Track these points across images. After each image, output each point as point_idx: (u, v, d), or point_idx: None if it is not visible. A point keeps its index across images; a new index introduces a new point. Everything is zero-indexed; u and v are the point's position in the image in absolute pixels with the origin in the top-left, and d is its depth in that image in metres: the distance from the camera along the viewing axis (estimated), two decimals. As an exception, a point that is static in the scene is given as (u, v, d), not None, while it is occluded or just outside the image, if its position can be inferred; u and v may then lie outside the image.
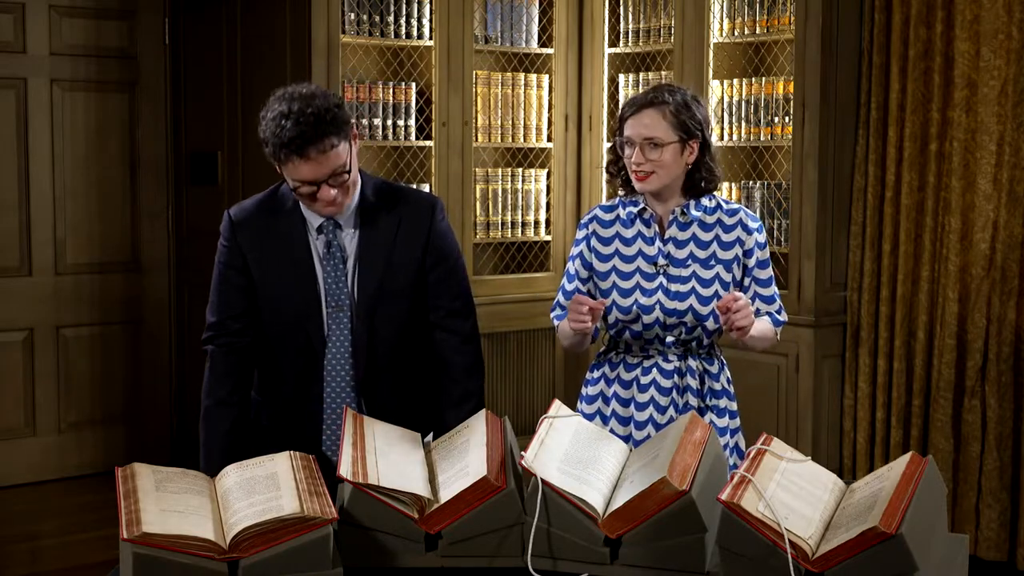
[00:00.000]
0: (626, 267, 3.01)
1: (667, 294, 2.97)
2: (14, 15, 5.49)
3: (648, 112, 2.94)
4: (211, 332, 2.93)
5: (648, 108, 2.94)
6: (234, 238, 2.89)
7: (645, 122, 2.93)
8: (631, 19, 5.41)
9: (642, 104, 2.95)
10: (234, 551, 2.18)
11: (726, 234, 3.01)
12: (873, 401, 4.66)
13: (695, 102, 3.00)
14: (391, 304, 2.90)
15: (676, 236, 3.01)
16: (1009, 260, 4.30)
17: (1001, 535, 4.32)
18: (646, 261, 3.00)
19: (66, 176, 5.65)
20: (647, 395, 3.00)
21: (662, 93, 2.96)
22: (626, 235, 3.04)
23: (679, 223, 3.01)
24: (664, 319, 2.97)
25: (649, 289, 2.98)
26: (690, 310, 2.96)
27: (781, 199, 4.82)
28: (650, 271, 2.99)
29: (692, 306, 2.96)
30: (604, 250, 3.04)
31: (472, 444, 2.45)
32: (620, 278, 3.01)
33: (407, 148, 5.22)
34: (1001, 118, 4.30)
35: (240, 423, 2.90)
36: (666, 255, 3.00)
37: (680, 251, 3.00)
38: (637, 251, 3.01)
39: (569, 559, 2.31)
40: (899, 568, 2.07)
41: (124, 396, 5.87)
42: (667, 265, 2.99)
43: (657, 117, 2.93)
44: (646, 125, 2.93)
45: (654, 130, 2.92)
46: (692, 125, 2.95)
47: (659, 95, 2.96)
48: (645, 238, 3.02)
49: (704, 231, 3.01)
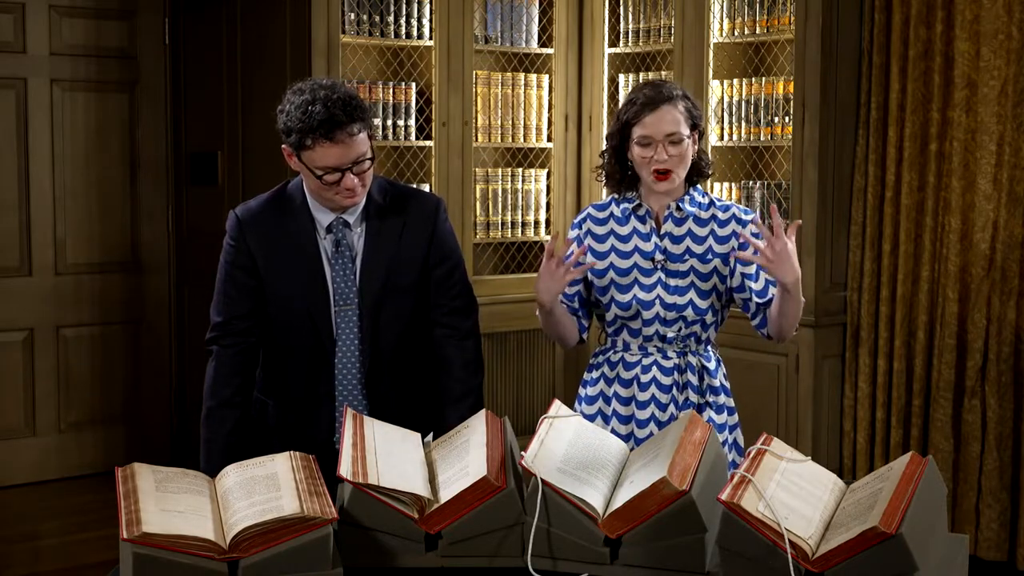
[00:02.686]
0: (623, 263, 3.01)
1: (666, 289, 2.98)
2: (14, 15, 5.49)
3: (666, 108, 2.94)
4: (216, 332, 2.93)
5: (665, 104, 2.94)
6: (242, 238, 2.90)
7: (667, 117, 2.93)
8: (631, 19, 5.41)
9: (659, 101, 2.94)
10: (234, 551, 2.18)
11: (721, 228, 3.01)
12: (873, 401, 4.66)
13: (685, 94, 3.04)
14: (396, 302, 2.92)
15: (672, 231, 3.01)
16: (1009, 260, 4.30)
17: (1001, 535, 4.32)
18: (643, 257, 3.01)
19: (66, 176, 5.66)
20: (648, 393, 3.00)
21: (668, 88, 2.98)
22: (621, 232, 3.04)
23: (675, 218, 3.01)
24: (664, 314, 2.98)
25: (647, 285, 2.99)
26: (690, 304, 2.97)
27: (781, 199, 4.82)
28: (647, 267, 3.00)
29: (692, 300, 2.98)
30: (599, 248, 3.04)
31: (472, 444, 2.45)
32: (618, 275, 3.01)
33: (407, 148, 5.22)
34: (1001, 118, 4.30)
35: (243, 424, 2.91)
36: (663, 250, 3.00)
37: (677, 246, 3.00)
38: (634, 247, 3.02)
39: (569, 559, 2.31)
40: (899, 568, 2.07)
41: (124, 396, 5.87)
42: (665, 260, 2.99)
43: (675, 112, 2.94)
44: (669, 122, 2.93)
45: (676, 125, 2.93)
46: (696, 116, 2.99)
47: (669, 91, 2.97)
48: (641, 234, 3.02)
49: (699, 226, 3.02)
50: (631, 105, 2.98)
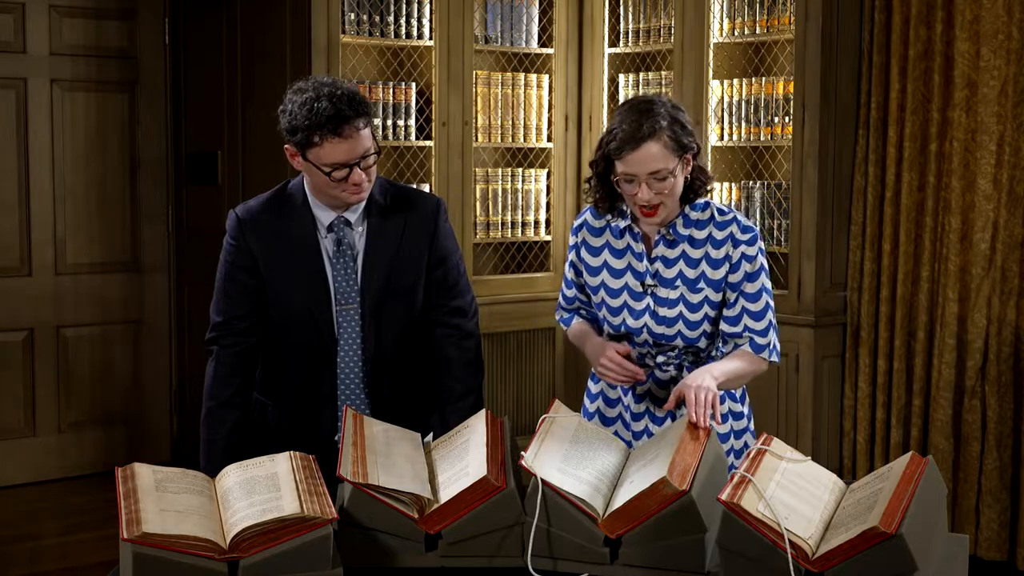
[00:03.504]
0: (615, 283, 2.88)
1: (654, 318, 2.84)
2: (14, 15, 5.49)
3: (648, 145, 2.70)
4: (216, 332, 2.93)
5: (647, 141, 2.70)
6: (243, 237, 2.90)
7: (648, 156, 2.70)
8: (631, 19, 5.40)
9: (640, 139, 2.70)
10: (234, 551, 2.18)
11: (715, 250, 2.82)
12: (873, 401, 4.66)
13: (677, 110, 2.78)
14: (397, 301, 2.92)
15: (664, 255, 2.84)
16: (1009, 260, 4.30)
17: (1001, 535, 4.32)
18: (635, 278, 2.86)
19: (66, 176, 5.65)
20: (642, 406, 2.91)
21: (653, 118, 2.72)
22: (617, 246, 2.90)
23: (666, 241, 2.84)
24: (653, 342, 2.86)
25: (637, 311, 2.85)
26: (679, 335, 2.85)
27: (781, 199, 4.82)
28: (638, 290, 2.85)
29: (680, 331, 2.84)
30: (593, 262, 2.92)
31: (472, 444, 2.45)
32: (609, 295, 2.89)
33: (407, 148, 5.22)
34: (1001, 118, 4.30)
35: (243, 424, 2.91)
36: (654, 274, 2.84)
37: (669, 270, 2.84)
38: (627, 265, 2.87)
39: (569, 559, 2.31)
40: (899, 568, 2.07)
41: (124, 396, 5.87)
42: (655, 285, 2.84)
43: (658, 147, 2.71)
44: (650, 159, 2.70)
45: (659, 162, 2.70)
46: (686, 140, 2.75)
47: (652, 123, 2.71)
48: (635, 253, 2.87)
49: (694, 248, 2.83)
50: (612, 137, 2.75)
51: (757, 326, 2.84)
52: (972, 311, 4.38)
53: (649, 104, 2.76)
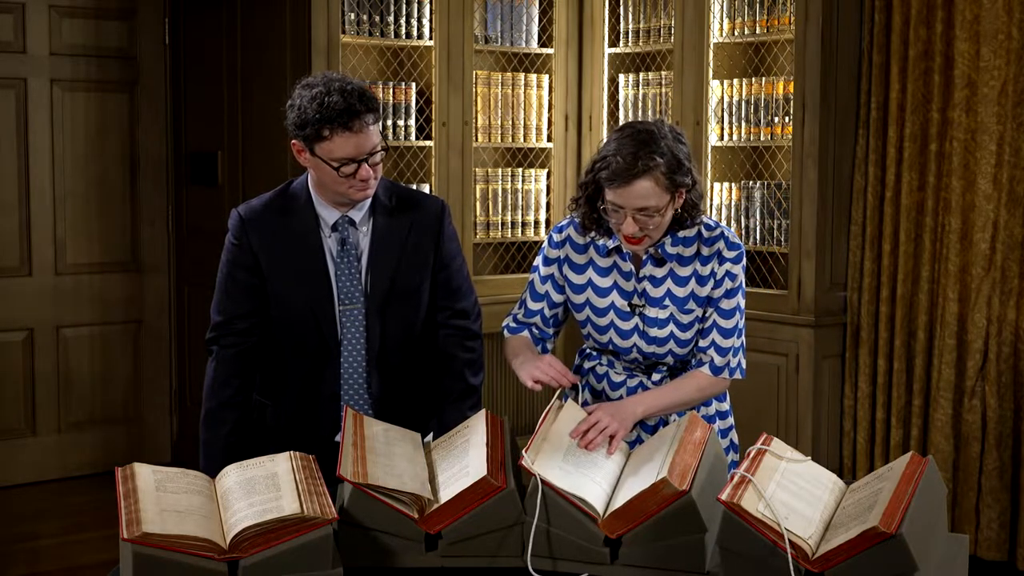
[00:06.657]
0: (601, 302, 2.81)
1: (644, 338, 2.79)
2: (14, 15, 5.49)
3: (640, 182, 2.60)
4: (216, 332, 2.92)
5: (640, 179, 2.60)
6: (245, 237, 2.89)
7: (638, 194, 2.61)
8: (631, 19, 5.40)
9: (632, 176, 2.59)
10: (234, 551, 2.18)
11: (703, 266, 2.76)
12: (873, 401, 4.66)
13: (678, 143, 2.68)
14: (402, 302, 2.92)
15: (652, 273, 2.78)
16: (1009, 260, 4.30)
17: (1001, 535, 4.32)
18: (622, 297, 2.79)
19: (66, 176, 5.65)
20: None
21: (650, 154, 2.61)
22: (602, 265, 2.82)
23: (653, 260, 2.77)
24: (643, 359, 2.82)
25: (625, 331, 2.80)
26: (669, 353, 2.80)
27: (781, 199, 4.82)
28: (625, 310, 2.79)
29: (671, 350, 2.80)
30: (577, 279, 2.84)
31: (472, 444, 2.45)
32: (595, 314, 2.82)
33: (407, 148, 5.22)
34: (1001, 118, 4.30)
35: (243, 425, 2.91)
36: (641, 293, 2.78)
37: (657, 289, 2.77)
38: (612, 284, 2.80)
39: (569, 559, 2.31)
40: (899, 568, 2.07)
41: (124, 396, 5.87)
42: (643, 305, 2.78)
43: (650, 185, 2.61)
44: (640, 196, 2.61)
45: (649, 199, 2.61)
46: (682, 179, 2.65)
47: (648, 159, 2.60)
48: (621, 272, 2.79)
49: (682, 266, 2.77)
50: (605, 164, 2.64)
51: (724, 343, 2.78)
52: (972, 311, 4.38)
53: (649, 135, 2.64)
